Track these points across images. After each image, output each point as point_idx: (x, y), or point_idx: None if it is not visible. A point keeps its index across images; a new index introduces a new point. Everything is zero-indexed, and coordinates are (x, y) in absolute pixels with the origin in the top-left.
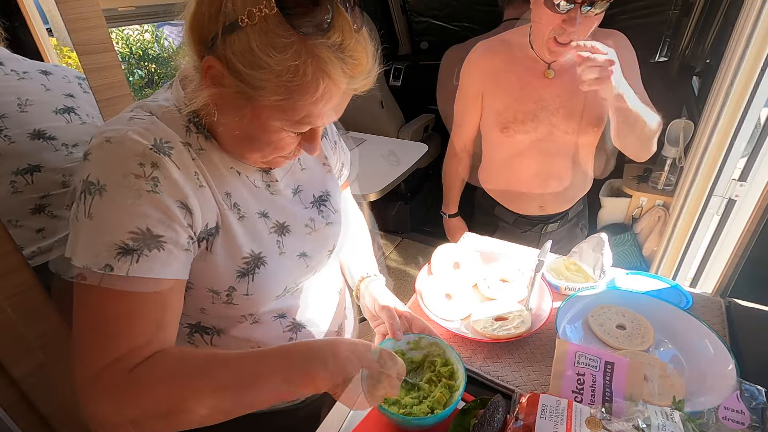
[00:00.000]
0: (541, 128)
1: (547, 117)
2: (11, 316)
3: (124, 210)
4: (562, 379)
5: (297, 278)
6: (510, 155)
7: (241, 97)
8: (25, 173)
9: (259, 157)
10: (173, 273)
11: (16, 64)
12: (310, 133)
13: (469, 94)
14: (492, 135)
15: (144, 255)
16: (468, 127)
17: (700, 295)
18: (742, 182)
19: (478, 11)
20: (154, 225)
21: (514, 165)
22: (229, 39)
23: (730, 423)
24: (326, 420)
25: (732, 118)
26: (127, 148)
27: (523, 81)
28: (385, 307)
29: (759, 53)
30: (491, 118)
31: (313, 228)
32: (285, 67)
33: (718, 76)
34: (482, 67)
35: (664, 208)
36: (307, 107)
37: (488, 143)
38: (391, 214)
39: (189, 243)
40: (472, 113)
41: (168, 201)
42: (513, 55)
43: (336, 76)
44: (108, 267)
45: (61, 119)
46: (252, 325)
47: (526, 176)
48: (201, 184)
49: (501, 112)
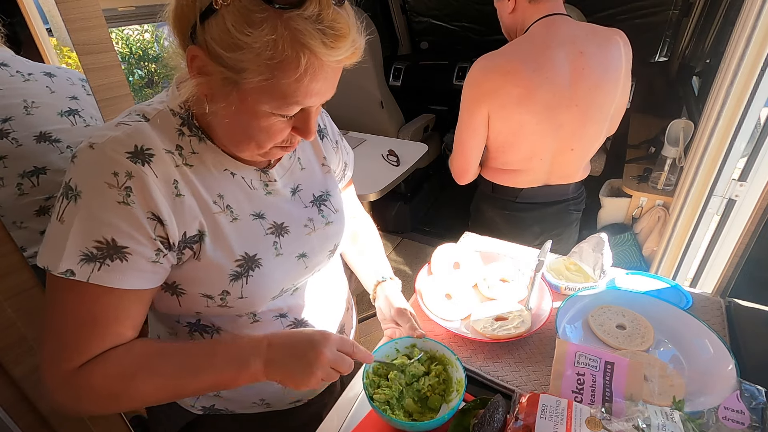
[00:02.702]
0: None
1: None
2: (11, 316)
3: (92, 219)
4: (562, 379)
5: (294, 279)
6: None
7: (227, 83)
8: (30, 176)
9: (254, 148)
10: (134, 284)
11: (21, 66)
12: (301, 116)
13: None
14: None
15: (106, 264)
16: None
17: (700, 295)
18: (742, 182)
19: (478, 11)
20: (119, 236)
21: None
22: (207, 24)
23: (730, 423)
24: (326, 420)
25: (732, 118)
26: (106, 157)
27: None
28: (402, 310)
29: (759, 53)
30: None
31: (312, 228)
32: (262, 43)
33: (718, 76)
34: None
35: (664, 208)
36: (292, 85)
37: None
38: (391, 214)
39: (158, 255)
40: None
41: (138, 212)
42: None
43: (316, 48)
44: (70, 272)
45: (66, 121)
46: (252, 323)
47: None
48: (179, 193)
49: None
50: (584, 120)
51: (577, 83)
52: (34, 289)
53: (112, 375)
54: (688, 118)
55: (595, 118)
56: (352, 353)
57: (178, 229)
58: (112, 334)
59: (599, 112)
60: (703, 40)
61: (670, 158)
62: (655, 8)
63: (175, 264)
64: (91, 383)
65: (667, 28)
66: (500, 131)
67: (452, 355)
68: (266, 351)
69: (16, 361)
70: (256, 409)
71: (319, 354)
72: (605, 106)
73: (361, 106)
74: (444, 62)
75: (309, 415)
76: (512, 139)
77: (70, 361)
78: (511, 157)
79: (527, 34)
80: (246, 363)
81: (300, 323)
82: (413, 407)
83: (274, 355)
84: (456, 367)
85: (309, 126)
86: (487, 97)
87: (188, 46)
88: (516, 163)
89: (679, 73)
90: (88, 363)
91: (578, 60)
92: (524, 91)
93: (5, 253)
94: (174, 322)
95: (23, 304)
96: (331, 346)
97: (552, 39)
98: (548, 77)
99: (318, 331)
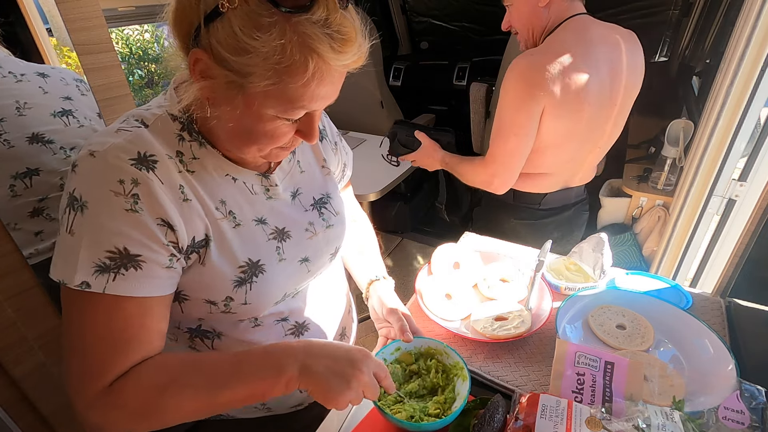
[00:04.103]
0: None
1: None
2: (11, 316)
3: (102, 229)
4: (562, 379)
5: (297, 283)
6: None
7: (232, 87)
8: (23, 177)
9: (256, 151)
10: (151, 291)
11: (13, 66)
12: (306, 119)
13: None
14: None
15: (121, 274)
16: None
17: (700, 295)
18: (742, 182)
19: (478, 11)
20: (131, 244)
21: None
22: (212, 27)
23: (730, 423)
24: (326, 420)
25: (732, 118)
26: (109, 164)
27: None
28: (393, 310)
29: (759, 53)
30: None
31: (313, 232)
32: (271, 48)
33: (718, 76)
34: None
35: (664, 208)
36: (299, 90)
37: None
38: (391, 214)
39: (172, 260)
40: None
41: (147, 219)
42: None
43: (324, 52)
44: (85, 284)
45: (59, 122)
46: (253, 328)
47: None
48: (186, 197)
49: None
50: (618, 119)
51: (616, 82)
52: (34, 289)
53: (144, 389)
54: (688, 118)
55: (623, 117)
56: (382, 379)
57: (188, 234)
58: (137, 345)
59: (626, 112)
60: (703, 40)
61: (670, 158)
62: (655, 8)
63: (183, 268)
64: (124, 400)
65: (667, 28)
66: (549, 130)
67: (457, 356)
68: (303, 357)
69: (16, 361)
70: (258, 414)
71: (358, 373)
72: (630, 105)
73: (361, 106)
74: (444, 62)
75: (310, 418)
76: (560, 141)
77: (98, 378)
78: (550, 159)
79: (566, 31)
80: (282, 369)
81: (301, 326)
82: (414, 408)
83: (311, 363)
84: (464, 378)
85: (313, 129)
86: (545, 92)
87: (191, 49)
88: (548, 166)
89: (679, 73)
90: (118, 379)
91: (615, 59)
92: (580, 89)
93: (5, 253)
94: (174, 327)
95: (23, 304)
96: (370, 367)
97: (591, 37)
98: (597, 76)
99: (358, 348)
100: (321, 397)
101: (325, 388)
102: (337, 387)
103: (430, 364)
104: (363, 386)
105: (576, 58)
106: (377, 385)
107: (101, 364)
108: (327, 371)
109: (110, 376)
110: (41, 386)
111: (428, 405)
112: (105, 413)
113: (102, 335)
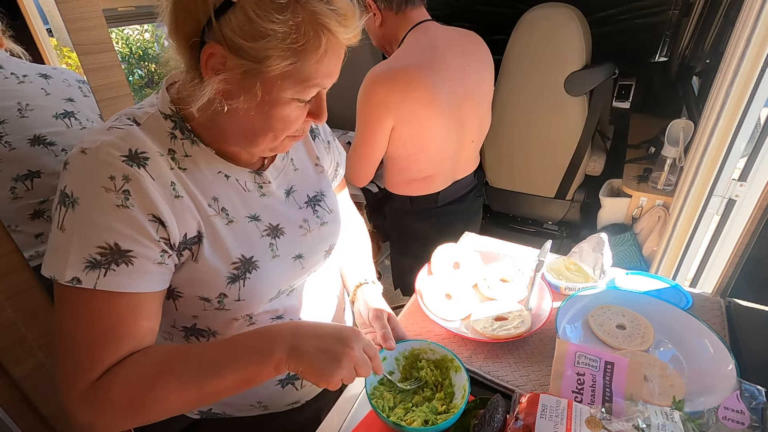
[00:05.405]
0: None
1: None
2: (11, 316)
3: (92, 224)
4: (562, 379)
5: (291, 280)
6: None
7: (249, 75)
8: (24, 179)
9: (271, 140)
10: (142, 287)
11: (15, 67)
12: (316, 100)
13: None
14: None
15: (111, 269)
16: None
17: (700, 295)
18: (742, 182)
19: (478, 11)
20: (122, 240)
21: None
22: (224, 19)
23: (730, 423)
24: (326, 420)
25: (732, 118)
26: (100, 161)
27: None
28: (378, 315)
29: (759, 53)
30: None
31: (307, 229)
32: (288, 27)
33: (718, 76)
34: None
35: (664, 208)
36: (314, 67)
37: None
38: None
39: (163, 256)
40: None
41: (138, 215)
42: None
43: (333, 27)
44: (76, 279)
45: (61, 124)
46: (249, 326)
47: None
48: (178, 194)
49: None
50: (479, 111)
51: (467, 79)
52: (34, 289)
53: (130, 382)
54: (688, 118)
55: (484, 108)
56: (372, 358)
57: (179, 231)
58: (127, 342)
59: (486, 103)
60: (703, 40)
61: (670, 158)
62: (655, 8)
63: (175, 265)
64: (111, 395)
65: (667, 28)
66: (409, 139)
67: (443, 349)
68: (290, 338)
69: (16, 361)
70: (254, 412)
71: (349, 349)
72: (489, 96)
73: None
74: None
75: (307, 417)
76: (423, 144)
77: (86, 374)
78: (423, 163)
79: (410, 41)
80: (269, 351)
81: None
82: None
83: (299, 344)
84: (457, 368)
85: (323, 108)
86: (395, 108)
87: (200, 48)
88: (428, 169)
89: (679, 73)
90: (105, 374)
91: (462, 58)
92: (429, 94)
93: (5, 253)
94: (170, 326)
95: (23, 304)
96: (360, 344)
97: (435, 42)
98: (444, 77)
99: (347, 326)
100: (312, 377)
101: (315, 367)
102: (327, 366)
103: (421, 365)
104: (354, 363)
105: (422, 66)
106: (369, 362)
107: (90, 361)
108: (316, 351)
109: (96, 371)
110: (41, 386)
111: (434, 404)
112: (92, 409)
113: (92, 331)
